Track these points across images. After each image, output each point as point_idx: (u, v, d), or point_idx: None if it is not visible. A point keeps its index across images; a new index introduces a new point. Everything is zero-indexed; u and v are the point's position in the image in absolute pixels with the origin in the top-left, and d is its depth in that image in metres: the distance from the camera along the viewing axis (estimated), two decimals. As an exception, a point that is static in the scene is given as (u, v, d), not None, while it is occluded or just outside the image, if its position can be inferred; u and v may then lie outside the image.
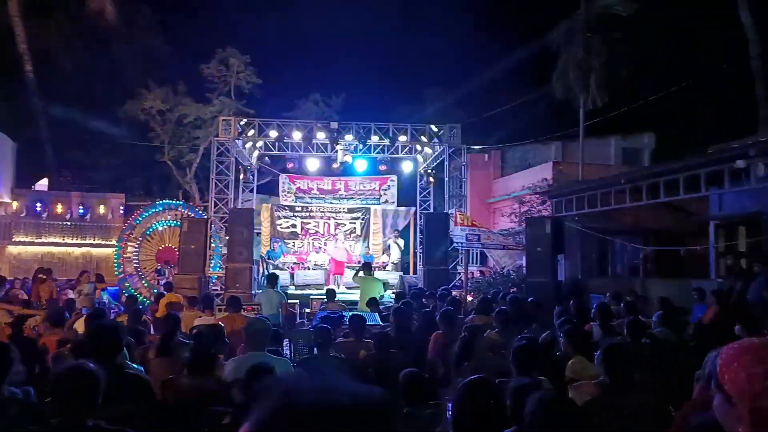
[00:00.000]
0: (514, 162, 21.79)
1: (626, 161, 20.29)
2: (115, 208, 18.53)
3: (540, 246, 10.64)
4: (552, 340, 5.26)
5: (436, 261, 13.21)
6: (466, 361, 4.26)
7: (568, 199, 12.22)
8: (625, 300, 7.27)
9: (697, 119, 20.51)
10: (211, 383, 3.70)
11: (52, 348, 5.00)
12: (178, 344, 4.75)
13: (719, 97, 19.50)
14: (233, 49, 22.17)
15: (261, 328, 4.23)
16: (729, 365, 1.20)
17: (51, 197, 18.69)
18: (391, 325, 6.18)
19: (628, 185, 10.22)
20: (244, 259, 12.23)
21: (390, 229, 17.44)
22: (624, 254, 14.95)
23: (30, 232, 17.86)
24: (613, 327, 5.78)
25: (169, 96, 21.60)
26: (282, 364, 3.99)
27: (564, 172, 17.48)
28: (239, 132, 15.30)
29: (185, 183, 22.79)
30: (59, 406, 2.37)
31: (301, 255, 17.16)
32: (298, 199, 17.94)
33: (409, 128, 15.65)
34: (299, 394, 0.70)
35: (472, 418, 2.20)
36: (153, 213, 15.44)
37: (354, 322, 5.54)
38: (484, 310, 6.78)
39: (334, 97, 24.63)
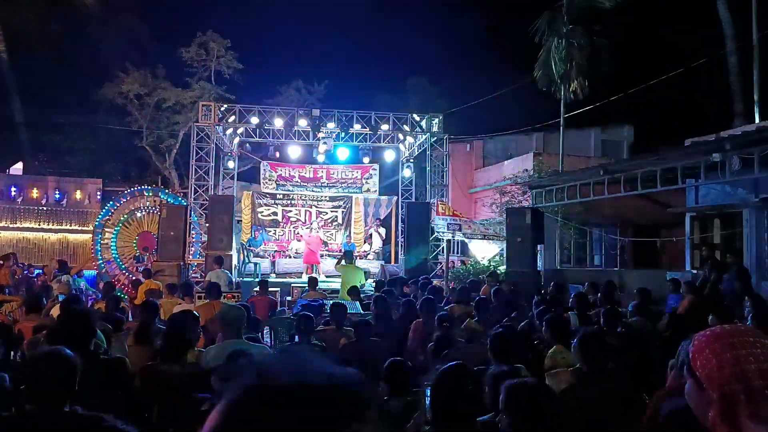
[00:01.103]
0: (496, 152, 21.89)
1: (605, 153, 20.53)
2: (92, 194, 18.21)
3: (520, 236, 10.75)
4: (530, 328, 5.34)
5: (417, 250, 13.26)
6: (445, 349, 4.30)
7: (548, 190, 12.33)
8: (601, 290, 7.39)
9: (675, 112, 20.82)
10: (186, 370, 3.68)
11: (28, 334, 4.93)
12: (156, 331, 4.71)
13: (696, 91, 19.80)
14: (214, 33, 21.83)
15: (236, 315, 4.21)
16: (701, 352, 1.23)
17: (26, 181, 18.30)
18: (371, 313, 6.20)
19: (606, 177, 10.34)
20: (224, 246, 12.16)
21: (372, 218, 17.45)
22: (602, 245, 15.17)
23: (4, 216, 17.50)
24: (589, 316, 5.88)
25: (147, 80, 21.21)
26: (260, 350, 3.99)
27: (544, 163, 17.61)
28: (219, 118, 15.13)
29: (164, 169, 22.48)
30: (34, 393, 2.34)
31: (282, 243, 17.09)
32: (279, 187, 17.81)
33: (391, 117, 15.62)
34: (274, 373, 0.69)
35: (450, 404, 2.22)
36: (130, 198, 15.24)
37: (335, 311, 5.55)
38: (463, 299, 6.84)
39: (316, 85, 24.44)
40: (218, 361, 3.51)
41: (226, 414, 0.67)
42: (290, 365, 0.71)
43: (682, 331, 4.90)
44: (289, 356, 0.74)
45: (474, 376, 2.40)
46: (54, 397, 2.27)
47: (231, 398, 0.68)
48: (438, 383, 2.24)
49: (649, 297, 6.67)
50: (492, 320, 5.61)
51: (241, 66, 22.40)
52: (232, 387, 0.69)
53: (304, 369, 0.70)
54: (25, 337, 4.91)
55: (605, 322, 5.10)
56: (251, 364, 0.72)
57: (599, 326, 5.08)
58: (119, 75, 21.03)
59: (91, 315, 3.74)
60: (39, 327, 4.96)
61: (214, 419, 0.68)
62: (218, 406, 0.69)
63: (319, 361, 0.72)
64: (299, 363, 0.72)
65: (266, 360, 0.75)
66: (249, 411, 0.66)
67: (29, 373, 2.40)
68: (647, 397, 2.97)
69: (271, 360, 0.74)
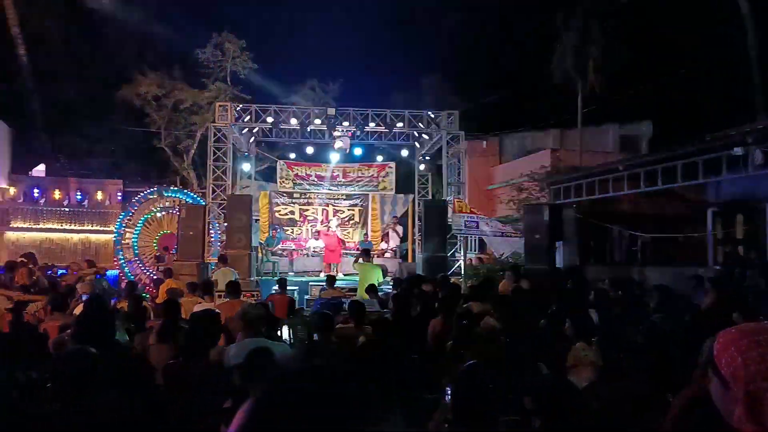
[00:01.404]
0: (513, 149, 21.77)
1: (624, 149, 20.28)
2: (113, 194, 18.47)
3: (538, 233, 10.67)
4: (549, 326, 5.30)
5: (434, 248, 13.23)
6: (462, 347, 4.29)
7: (566, 187, 12.23)
8: (622, 286, 7.32)
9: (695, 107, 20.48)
10: (208, 368, 3.73)
11: (52, 333, 5.02)
12: (178, 330, 4.77)
13: (717, 85, 19.46)
14: (229, 33, 21.99)
15: (256, 313, 4.25)
16: (725, 349, 1.22)
17: (48, 183, 18.62)
18: (390, 311, 6.21)
19: (626, 172, 10.23)
20: (243, 245, 12.24)
21: (388, 216, 17.45)
22: (622, 241, 14.99)
23: (28, 218, 17.83)
24: (610, 313, 5.82)
25: (164, 81, 21.44)
26: (280, 348, 4.02)
27: (562, 159, 17.47)
28: (236, 118, 15.24)
29: (182, 169, 22.72)
30: (60, 390, 2.39)
31: (300, 242, 17.18)
32: (296, 186, 17.90)
33: (406, 115, 15.60)
34: (296, 375, 0.71)
35: (471, 403, 2.22)
36: (150, 199, 15.43)
37: (353, 309, 5.57)
38: (479, 296, 6.80)
39: (331, 84, 24.49)
40: (239, 360, 3.54)
41: (253, 414, 0.69)
42: (314, 367, 0.72)
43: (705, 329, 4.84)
44: (313, 357, 0.75)
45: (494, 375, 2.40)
46: (79, 394, 2.32)
47: (257, 399, 0.69)
48: (458, 382, 2.24)
49: (670, 293, 6.59)
50: (511, 318, 5.59)
51: (256, 66, 22.55)
52: (258, 387, 0.70)
53: (328, 370, 0.71)
54: (50, 336, 5.00)
55: (626, 319, 5.05)
56: (276, 365, 0.73)
57: (620, 324, 5.03)
58: (137, 77, 21.28)
59: (111, 314, 3.80)
60: (64, 326, 5.05)
61: (241, 419, 0.69)
62: (244, 406, 0.70)
63: (342, 362, 0.73)
64: (323, 364, 0.73)
65: (291, 361, 0.76)
66: (275, 411, 0.68)
67: (55, 371, 2.45)
68: (671, 396, 2.94)
69: (295, 362, 0.75)
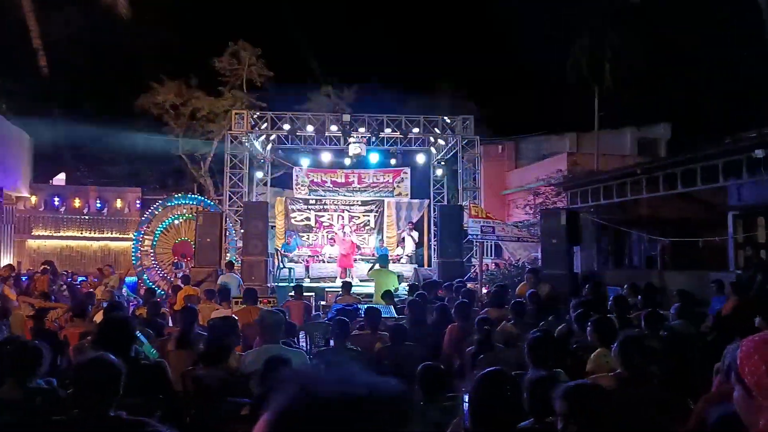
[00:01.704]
0: (528, 153, 21.65)
1: (642, 152, 20.06)
2: (132, 202, 18.72)
3: (555, 238, 10.58)
4: (568, 331, 5.25)
5: (450, 253, 13.18)
6: (482, 353, 4.27)
7: (584, 191, 12.13)
8: (642, 292, 7.22)
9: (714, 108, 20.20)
10: (226, 374, 3.74)
11: (73, 340, 5.09)
12: (196, 336, 4.81)
13: (737, 86, 19.18)
14: (244, 41, 22.19)
15: (274, 320, 4.26)
16: (749, 357, 1.19)
17: (68, 191, 18.93)
18: (406, 317, 6.20)
19: (644, 176, 10.12)
20: (259, 252, 12.31)
21: (404, 222, 17.44)
22: (641, 246, 14.81)
23: (48, 226, 18.12)
24: (630, 319, 5.74)
25: (181, 90, 21.69)
26: (297, 355, 4.03)
27: (579, 163, 17.33)
28: (252, 125, 15.38)
29: (200, 176, 22.94)
30: (80, 397, 2.41)
31: (316, 248, 17.23)
32: (311, 192, 17.98)
33: (421, 120, 15.60)
34: (317, 385, 0.71)
35: (489, 410, 2.20)
36: (168, 207, 15.61)
37: (369, 315, 5.56)
38: (497, 302, 6.77)
39: (346, 90, 24.57)
40: (256, 366, 3.55)
41: (273, 425, 0.69)
42: (332, 375, 0.72)
43: (727, 335, 4.75)
44: (332, 367, 0.75)
45: (512, 382, 2.38)
46: (99, 401, 2.34)
47: (277, 409, 0.70)
48: (476, 389, 2.22)
49: (691, 299, 6.49)
50: (528, 323, 5.55)
51: (272, 73, 22.71)
52: (277, 398, 0.71)
53: (346, 379, 0.72)
54: (71, 342, 5.07)
55: (646, 325, 4.98)
56: (295, 375, 0.73)
57: (640, 330, 4.96)
58: (154, 86, 21.57)
59: (129, 321, 3.84)
60: (84, 333, 5.11)
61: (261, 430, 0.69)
62: (264, 416, 0.70)
63: (361, 371, 0.73)
64: (340, 373, 0.73)
65: (308, 370, 0.76)
66: (295, 423, 0.68)
67: (76, 378, 2.48)
68: (692, 403, 2.89)
69: (314, 371, 0.75)
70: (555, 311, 6.33)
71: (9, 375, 2.92)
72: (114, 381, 2.40)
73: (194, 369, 3.89)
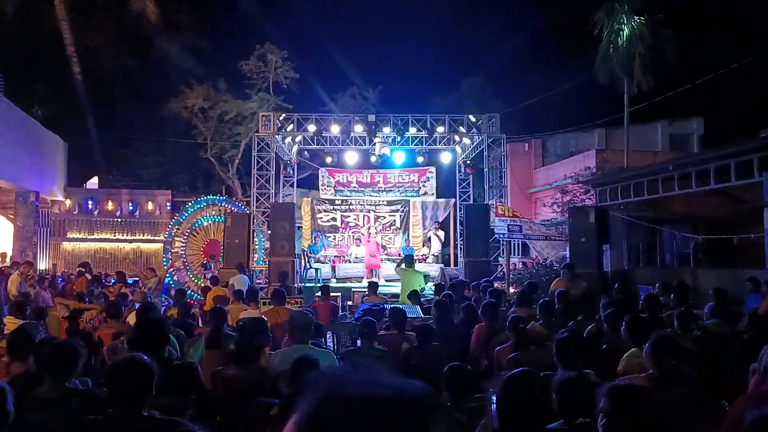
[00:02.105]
0: (556, 151, 21.40)
1: (674, 147, 19.65)
2: (162, 204, 19.10)
3: (584, 236, 10.43)
4: (598, 331, 5.17)
5: (477, 253, 13.10)
6: (516, 352, 4.23)
7: (613, 188, 11.91)
8: (674, 291, 7.05)
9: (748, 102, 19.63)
10: (257, 374, 3.79)
11: (107, 340, 5.21)
12: (225, 337, 4.88)
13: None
14: (271, 44, 22.43)
15: (304, 320, 4.29)
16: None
17: (101, 195, 19.41)
18: (432, 317, 6.18)
19: (676, 172, 9.88)
20: (287, 252, 12.42)
21: (430, 221, 17.39)
22: (673, 243, 14.48)
23: (83, 228, 18.60)
24: (662, 319, 5.62)
25: (210, 93, 22.04)
26: (326, 356, 4.05)
27: (608, 159, 17.05)
28: (278, 127, 15.52)
29: (228, 178, 23.28)
30: (115, 397, 2.47)
31: (342, 248, 17.30)
32: (337, 193, 18.07)
33: (446, 119, 15.54)
34: (345, 387, 0.72)
35: (517, 411, 2.18)
36: (197, 209, 15.87)
37: (394, 315, 5.56)
38: (525, 301, 6.69)
39: (371, 90, 24.64)
40: (285, 366, 3.59)
41: (302, 426, 0.70)
42: (360, 377, 0.73)
43: (763, 334, 4.62)
44: (360, 368, 0.76)
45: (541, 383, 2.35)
46: (133, 401, 2.40)
47: (306, 410, 0.71)
48: (504, 390, 2.20)
49: (726, 297, 6.32)
50: (557, 323, 5.48)
51: (298, 75, 22.90)
52: (306, 399, 0.72)
53: (374, 381, 0.72)
54: (105, 343, 5.19)
55: (679, 324, 4.87)
56: (324, 377, 0.74)
57: (672, 329, 4.85)
58: (184, 90, 21.96)
59: (164, 322, 3.92)
60: (117, 334, 5.23)
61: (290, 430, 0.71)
62: (294, 417, 0.71)
63: (388, 373, 0.74)
64: (369, 375, 0.74)
65: (337, 372, 0.77)
66: (323, 423, 0.69)
67: (110, 378, 2.54)
68: (727, 405, 2.82)
69: (343, 373, 0.76)
70: (584, 310, 6.24)
71: (47, 374, 3.00)
72: (147, 381, 2.45)
73: (225, 369, 3.95)
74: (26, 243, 15.47)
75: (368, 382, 0.73)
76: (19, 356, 3.50)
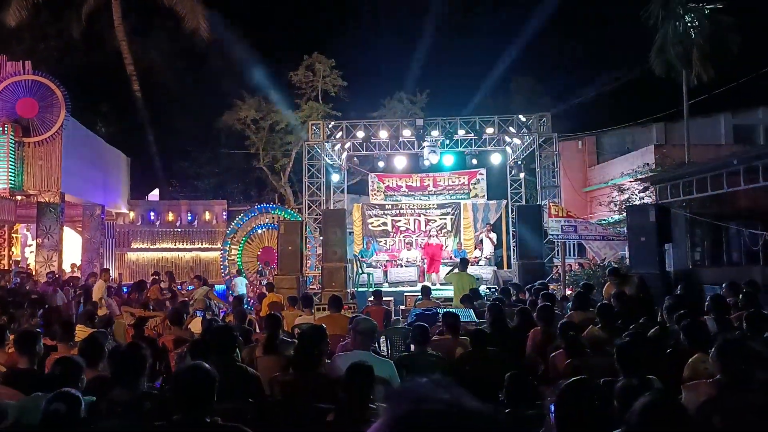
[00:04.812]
0: (611, 148, 20.77)
1: (738, 140, 18.70)
2: (219, 214, 19.71)
3: (644, 235, 10.07)
4: (662, 334, 4.97)
5: (530, 254, 12.86)
6: (569, 359, 4.13)
7: (674, 184, 11.45)
8: (743, 291, 6.70)
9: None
10: (316, 380, 3.85)
11: (170, 346, 5.41)
12: (281, 342, 4.97)
13: None
14: (319, 54, 22.79)
15: (368, 327, 4.31)
16: None
17: (162, 206, 20.23)
18: (486, 321, 6.10)
19: (741, 166, 9.40)
20: (339, 258, 12.56)
21: (481, 224, 17.21)
22: (740, 241, 13.76)
23: (145, 239, 19.43)
24: (730, 321, 5.36)
25: (261, 105, 22.60)
26: (384, 364, 4.06)
27: (668, 155, 16.41)
28: (328, 135, 15.75)
29: (280, 187, 23.78)
30: (179, 403, 2.57)
31: (393, 252, 17.35)
32: (387, 198, 18.14)
33: (496, 120, 15.36)
34: (428, 404, 0.75)
35: (576, 421, 2.13)
36: (252, 217, 16.30)
37: (447, 320, 5.52)
38: (582, 305, 6.50)
39: (418, 94, 24.63)
40: (341, 372, 3.63)
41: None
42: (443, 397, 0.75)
43: None
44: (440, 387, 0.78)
45: (600, 390, 2.29)
46: (197, 408, 2.49)
47: (386, 423, 0.73)
48: (561, 400, 2.15)
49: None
50: (617, 327, 5.30)
51: (346, 83, 23.17)
52: (388, 411, 0.74)
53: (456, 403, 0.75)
54: (169, 349, 5.39)
55: (748, 326, 4.63)
56: (408, 392, 0.77)
57: (741, 332, 4.62)
58: (236, 103, 22.62)
59: (232, 329, 4.08)
60: (178, 340, 5.42)
61: None
62: (373, 427, 0.74)
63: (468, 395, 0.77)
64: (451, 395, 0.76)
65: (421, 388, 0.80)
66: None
67: (175, 385, 2.64)
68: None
69: (425, 389, 0.79)
70: (647, 312, 6.02)
71: (119, 378, 3.16)
72: (209, 389, 2.54)
73: (283, 374, 4.03)
74: (94, 254, 16.29)
75: (451, 403, 0.76)
76: (90, 363, 3.69)
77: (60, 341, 5.00)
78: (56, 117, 14.33)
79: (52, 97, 14.37)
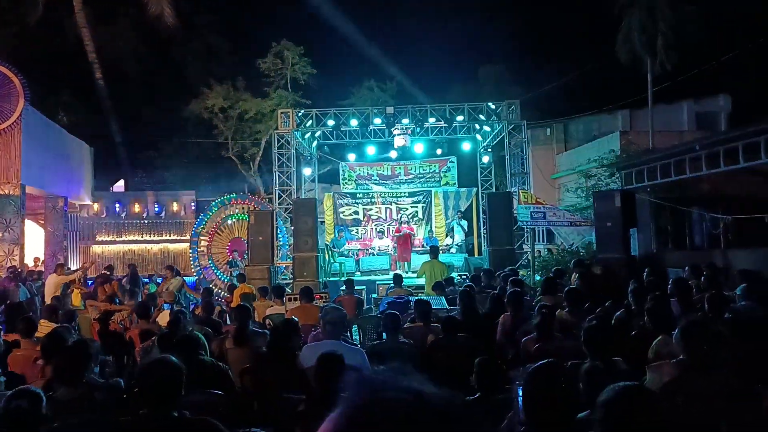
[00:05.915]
0: (578, 135, 21.09)
1: (701, 126, 19.17)
2: (187, 205, 19.36)
3: (610, 221, 10.26)
4: (627, 318, 5.09)
5: (500, 241, 13.01)
6: (540, 342, 4.20)
7: (639, 170, 11.70)
8: (705, 273, 6.91)
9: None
10: (287, 371, 3.82)
11: (136, 339, 5.31)
12: (252, 334, 4.92)
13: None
14: (287, 41, 22.48)
15: (338, 316, 4.29)
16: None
17: (128, 197, 19.76)
18: (457, 308, 6.15)
19: (703, 152, 9.65)
20: (310, 248, 12.49)
21: (452, 211, 17.33)
22: (702, 225, 14.17)
23: (111, 231, 18.98)
24: (693, 303, 5.51)
25: (229, 93, 22.21)
26: (355, 352, 4.05)
27: (633, 141, 16.74)
28: (298, 123, 15.57)
29: (250, 176, 23.49)
30: (146, 397, 2.51)
31: (365, 241, 17.34)
32: (358, 186, 18.10)
33: (465, 108, 15.40)
34: (385, 392, 0.73)
35: (543, 403, 2.16)
36: (221, 207, 16.06)
37: (419, 307, 5.55)
38: (551, 289, 6.61)
39: (388, 83, 24.56)
40: (312, 362, 3.61)
41: (340, 426, 0.71)
42: (402, 385, 0.74)
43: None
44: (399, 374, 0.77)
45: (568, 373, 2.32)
46: (164, 402, 2.44)
47: (346, 413, 0.72)
48: (529, 382, 2.18)
49: (758, 279, 6.16)
50: (584, 310, 5.41)
51: (315, 71, 22.93)
52: (347, 401, 0.73)
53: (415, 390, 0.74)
54: (136, 343, 5.29)
55: (710, 308, 4.77)
56: (366, 380, 0.75)
57: (703, 313, 4.76)
58: (204, 90, 22.17)
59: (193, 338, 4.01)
60: (144, 332, 5.32)
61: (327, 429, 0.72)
62: (331, 418, 0.72)
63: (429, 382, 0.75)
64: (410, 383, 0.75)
65: (378, 376, 0.78)
66: (362, 425, 0.70)
67: (141, 379, 2.58)
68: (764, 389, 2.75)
69: (383, 377, 0.77)
70: (612, 296, 6.15)
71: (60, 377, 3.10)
72: (177, 382, 2.49)
73: (253, 366, 3.99)
74: (57, 247, 15.84)
75: (410, 390, 0.74)
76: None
77: (23, 337, 4.86)
78: (14, 106, 13.80)
79: (9, 86, 13.82)
